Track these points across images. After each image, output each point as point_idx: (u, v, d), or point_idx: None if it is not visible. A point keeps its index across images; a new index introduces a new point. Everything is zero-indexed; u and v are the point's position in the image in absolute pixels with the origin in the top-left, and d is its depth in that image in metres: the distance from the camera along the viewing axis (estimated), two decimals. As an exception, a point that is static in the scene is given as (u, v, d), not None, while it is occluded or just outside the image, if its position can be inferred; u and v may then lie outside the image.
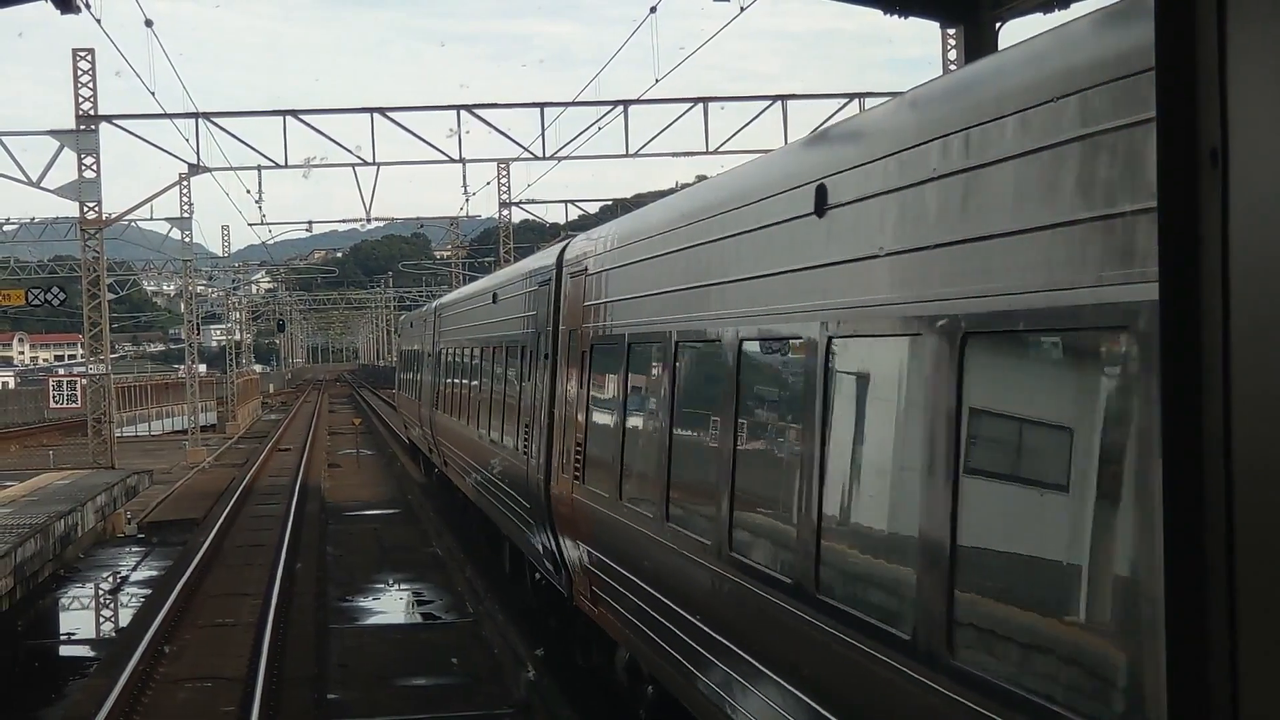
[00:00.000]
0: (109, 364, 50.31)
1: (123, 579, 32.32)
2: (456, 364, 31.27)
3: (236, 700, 19.46)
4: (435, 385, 36.21)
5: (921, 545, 6.89)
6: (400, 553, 33.32)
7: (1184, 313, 2.47)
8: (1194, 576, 2.46)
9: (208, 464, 60.39)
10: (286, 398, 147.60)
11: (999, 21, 24.58)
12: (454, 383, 31.55)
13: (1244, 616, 2.37)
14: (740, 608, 9.84)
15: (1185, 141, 2.46)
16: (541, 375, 18.57)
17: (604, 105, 48.62)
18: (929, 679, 6.80)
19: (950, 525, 6.58)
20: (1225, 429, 2.40)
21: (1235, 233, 2.37)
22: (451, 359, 32.41)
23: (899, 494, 7.47)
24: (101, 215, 47.06)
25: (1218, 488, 2.41)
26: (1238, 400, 2.37)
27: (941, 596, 6.66)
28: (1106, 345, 5.63)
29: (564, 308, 17.44)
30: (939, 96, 7.34)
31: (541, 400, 18.41)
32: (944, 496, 6.66)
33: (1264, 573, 2.34)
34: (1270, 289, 2.30)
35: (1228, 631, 2.39)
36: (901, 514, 7.37)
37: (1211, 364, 2.42)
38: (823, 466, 8.42)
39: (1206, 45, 2.42)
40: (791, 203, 9.11)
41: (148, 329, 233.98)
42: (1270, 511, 2.32)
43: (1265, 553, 2.33)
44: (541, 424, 18.23)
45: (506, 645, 22.34)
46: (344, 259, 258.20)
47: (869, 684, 7.63)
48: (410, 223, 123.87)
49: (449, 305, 35.77)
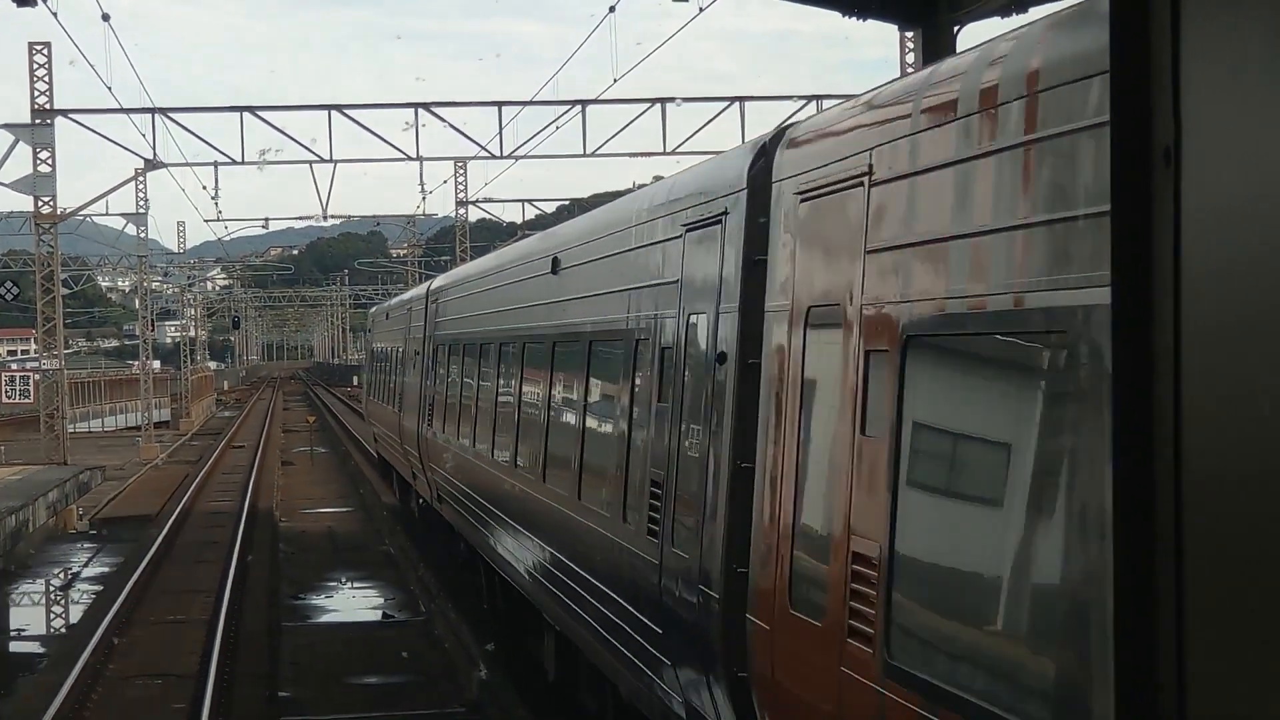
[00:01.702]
0: (62, 359, 50.04)
1: (74, 575, 32.15)
2: (471, 369, 22.36)
3: (188, 697, 19.38)
4: (429, 395, 27.43)
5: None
6: (352, 550, 33.24)
7: (1136, 314, 2.47)
8: (1143, 583, 2.46)
9: (161, 460, 60.15)
10: (241, 395, 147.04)
11: (957, 25, 24.63)
12: (470, 395, 22.22)
13: (1191, 623, 2.37)
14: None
15: (1139, 141, 2.47)
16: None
17: (562, 105, 48.61)
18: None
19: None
20: (1175, 432, 2.40)
21: (1187, 232, 2.37)
22: (461, 361, 23.58)
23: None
24: (56, 210, 46.83)
25: (1167, 492, 2.41)
26: (1188, 402, 2.38)
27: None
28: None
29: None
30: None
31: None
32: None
33: (1212, 579, 2.34)
34: (1221, 289, 2.31)
35: (1175, 638, 2.40)
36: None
37: (1163, 366, 2.43)
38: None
39: (1161, 44, 2.42)
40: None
41: (102, 325, 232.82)
42: (1219, 517, 2.32)
43: (1214, 559, 2.34)
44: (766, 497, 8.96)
45: (459, 643, 22.30)
46: (300, 256, 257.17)
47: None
48: (367, 220, 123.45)
49: (457, 285, 25.98)
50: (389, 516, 38.80)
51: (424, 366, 28.53)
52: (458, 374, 23.81)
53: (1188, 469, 2.38)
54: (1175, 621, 2.40)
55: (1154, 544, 2.44)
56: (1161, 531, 2.43)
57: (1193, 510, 2.37)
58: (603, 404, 13.71)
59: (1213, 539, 2.34)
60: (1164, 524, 2.43)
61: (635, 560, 11.67)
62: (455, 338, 24.62)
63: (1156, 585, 2.44)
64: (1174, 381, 2.40)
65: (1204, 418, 2.35)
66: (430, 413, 26.94)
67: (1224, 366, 2.31)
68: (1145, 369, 2.46)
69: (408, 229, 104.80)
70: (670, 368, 11.15)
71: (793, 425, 8.50)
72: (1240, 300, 2.27)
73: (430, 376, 27.61)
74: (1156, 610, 2.44)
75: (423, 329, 29.33)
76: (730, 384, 9.58)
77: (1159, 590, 2.44)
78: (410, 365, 31.16)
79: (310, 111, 50.09)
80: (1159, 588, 2.43)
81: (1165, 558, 2.42)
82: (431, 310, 28.42)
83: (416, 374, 29.64)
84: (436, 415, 26.08)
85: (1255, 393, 2.25)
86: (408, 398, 31.21)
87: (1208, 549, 2.35)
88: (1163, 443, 2.43)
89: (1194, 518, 2.37)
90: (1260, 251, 2.23)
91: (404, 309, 34.61)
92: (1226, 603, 2.31)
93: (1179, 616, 2.39)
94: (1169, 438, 2.41)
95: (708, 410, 10.03)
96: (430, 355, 27.93)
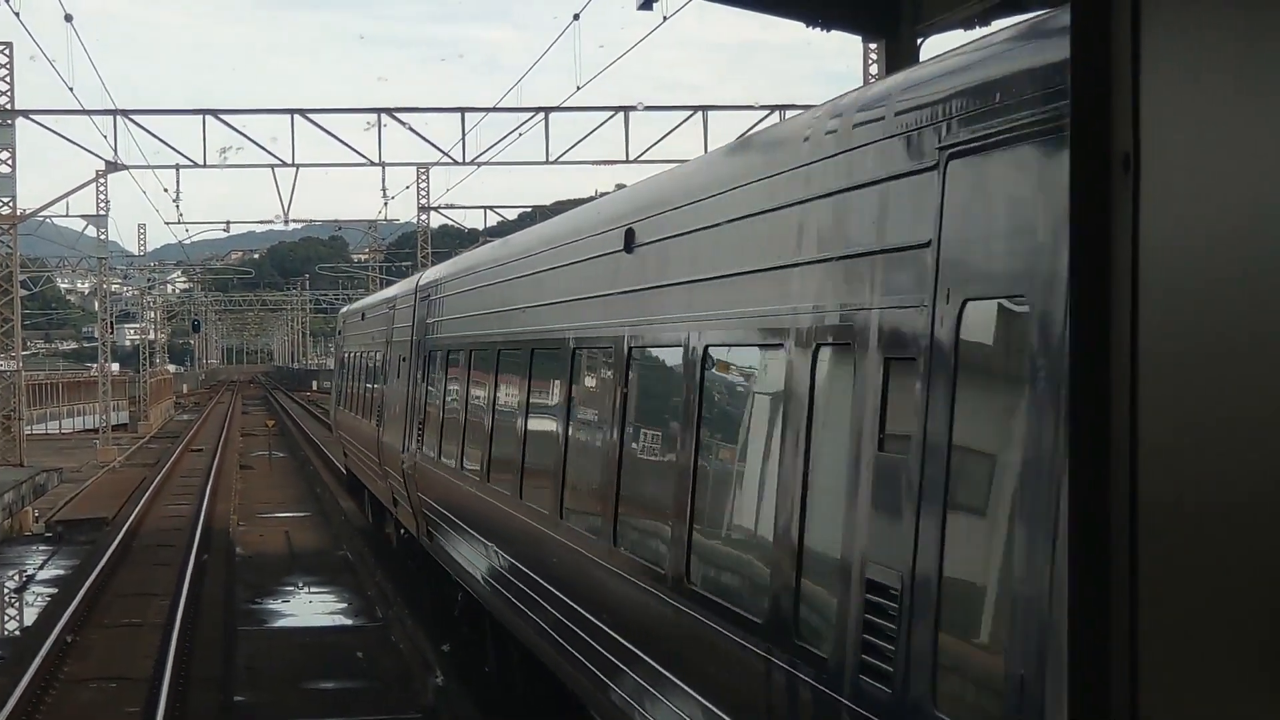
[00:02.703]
0: (20, 361, 49.83)
1: (29, 577, 31.97)
2: (484, 380, 17.46)
3: (142, 700, 19.30)
4: (418, 410, 22.87)
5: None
6: (310, 556, 33.14)
7: (1094, 318, 2.48)
8: (1097, 590, 2.46)
9: (118, 463, 59.87)
10: (200, 398, 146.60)
11: (920, 37, 24.70)
12: (484, 413, 17.22)
13: (1144, 628, 2.38)
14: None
15: (1098, 147, 2.47)
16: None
17: (525, 111, 48.62)
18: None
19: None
20: (1131, 437, 2.41)
21: (1145, 238, 2.38)
22: (469, 370, 18.62)
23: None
24: (15, 211, 46.63)
25: (1122, 498, 2.42)
26: (1144, 405, 2.38)
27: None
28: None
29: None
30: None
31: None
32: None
33: (1166, 582, 2.35)
34: (1179, 293, 2.31)
35: (1128, 648, 2.40)
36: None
37: (1119, 374, 2.43)
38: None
39: (1120, 51, 2.43)
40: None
41: (60, 326, 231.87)
42: (1174, 517, 2.33)
43: (1168, 562, 2.34)
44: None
45: (415, 649, 22.25)
46: (261, 260, 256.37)
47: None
48: (328, 225, 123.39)
49: (461, 276, 20.63)
50: (345, 522, 38.68)
51: (411, 375, 23.98)
52: (464, 385, 18.66)
53: (1144, 467, 2.39)
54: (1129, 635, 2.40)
55: (1109, 561, 2.45)
56: (1116, 543, 2.44)
57: (1147, 510, 2.38)
58: (718, 435, 9.51)
59: (1167, 542, 2.35)
60: (1118, 534, 2.43)
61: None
62: (459, 341, 19.63)
63: (1110, 604, 2.44)
64: (1130, 384, 2.41)
65: (1161, 420, 2.36)
66: (421, 431, 22.26)
67: (1181, 371, 2.32)
68: (1102, 376, 2.46)
69: (369, 234, 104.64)
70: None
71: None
72: (1198, 304, 2.28)
73: (419, 388, 22.95)
74: (1109, 629, 2.44)
75: (410, 331, 24.48)
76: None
77: (1112, 609, 2.44)
78: (393, 373, 26.72)
79: (273, 115, 50.03)
80: (1112, 607, 2.44)
81: (1120, 575, 2.43)
82: (422, 309, 23.37)
83: (402, 383, 25.08)
84: (430, 434, 21.34)
85: (1213, 394, 2.26)
86: (390, 411, 26.59)
87: (1161, 555, 2.36)
88: (1119, 443, 2.43)
89: (1148, 518, 2.38)
90: (1219, 256, 2.24)
91: (385, 308, 29.48)
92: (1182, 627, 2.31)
93: (1132, 624, 2.40)
94: (1125, 439, 2.42)
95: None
96: (421, 362, 23.06)
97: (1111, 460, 2.45)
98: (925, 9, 24.41)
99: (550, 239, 14.93)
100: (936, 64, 6.75)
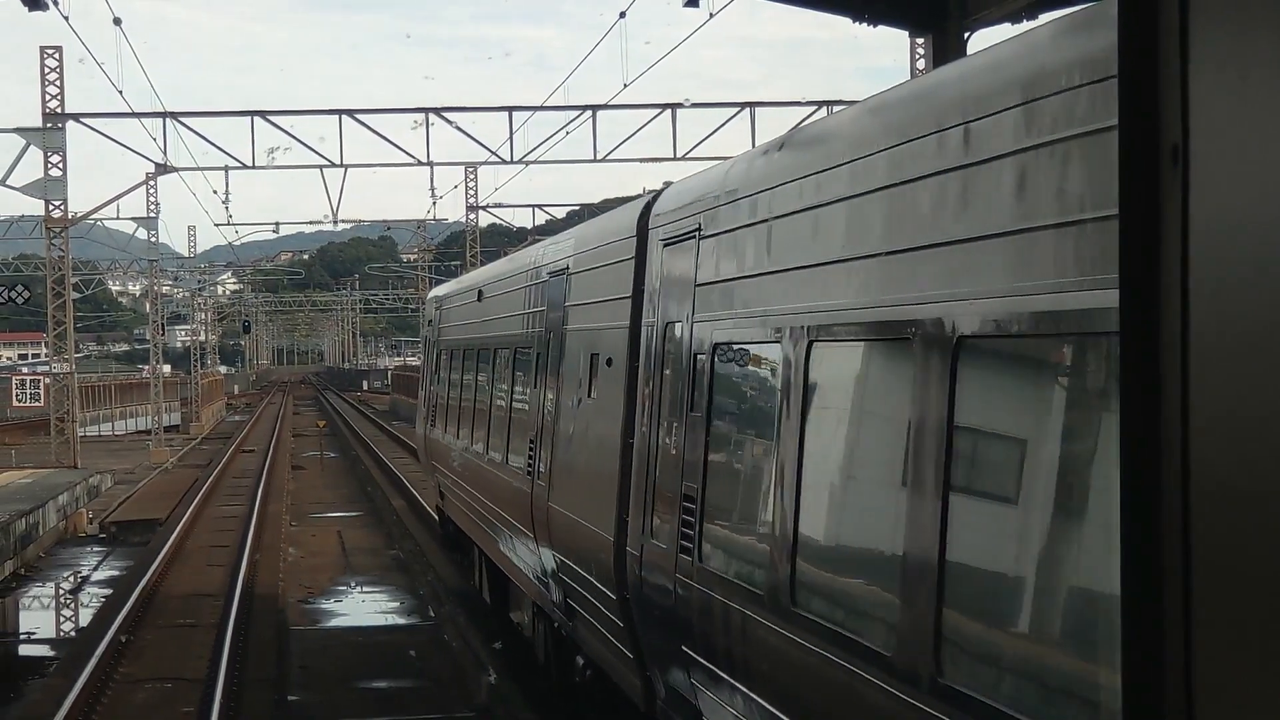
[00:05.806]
0: (73, 363, 50.11)
1: (84, 578, 32.17)
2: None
3: (196, 701, 19.39)
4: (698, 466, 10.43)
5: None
6: (362, 555, 33.24)
7: (1144, 314, 2.47)
8: (1150, 589, 2.45)
9: (171, 464, 60.16)
10: (251, 399, 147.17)
11: (967, 31, 24.65)
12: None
13: (1200, 629, 2.37)
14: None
15: (1146, 140, 2.46)
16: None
17: (573, 110, 48.62)
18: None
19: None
20: (1183, 436, 2.39)
21: (1195, 232, 2.37)
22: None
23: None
24: (67, 214, 46.90)
25: (1174, 496, 2.41)
26: (1196, 403, 2.37)
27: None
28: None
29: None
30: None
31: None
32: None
33: (1220, 584, 2.33)
34: (1230, 288, 2.30)
35: (1183, 646, 2.39)
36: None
37: (1170, 367, 2.42)
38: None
39: (1169, 42, 2.42)
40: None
41: (112, 329, 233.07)
42: (1226, 523, 2.32)
43: (1221, 564, 2.33)
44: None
45: (467, 648, 22.30)
46: (310, 261, 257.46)
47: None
48: (377, 225, 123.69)
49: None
50: (398, 521, 38.79)
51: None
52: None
53: (1196, 466, 2.38)
54: (1183, 634, 2.39)
55: (1161, 550, 2.44)
56: (1169, 535, 2.43)
57: (1199, 514, 2.37)
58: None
59: (1220, 545, 2.34)
60: (1171, 528, 2.42)
61: None
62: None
63: (1164, 596, 2.43)
64: (1181, 380, 2.40)
65: (1213, 418, 2.35)
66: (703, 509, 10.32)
67: (1232, 366, 2.30)
68: (1152, 369, 2.45)
69: (418, 233, 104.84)
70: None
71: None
72: (1249, 299, 2.27)
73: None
74: (1164, 621, 2.43)
75: (630, 309, 12.82)
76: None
77: (1166, 601, 2.43)
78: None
79: (321, 115, 50.15)
80: (1167, 599, 2.43)
81: (1173, 567, 2.42)
82: (678, 261, 11.51)
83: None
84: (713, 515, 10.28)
85: (1264, 391, 2.25)
86: (572, 450, 14.77)
87: (1215, 555, 2.35)
88: (1170, 442, 2.42)
89: (1200, 523, 2.37)
90: (1270, 250, 2.23)
91: (527, 275, 18.16)
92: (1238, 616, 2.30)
93: (1186, 629, 2.39)
94: (1177, 439, 2.41)
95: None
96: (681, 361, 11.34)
97: (1163, 453, 2.43)
98: (972, 3, 24.36)
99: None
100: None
